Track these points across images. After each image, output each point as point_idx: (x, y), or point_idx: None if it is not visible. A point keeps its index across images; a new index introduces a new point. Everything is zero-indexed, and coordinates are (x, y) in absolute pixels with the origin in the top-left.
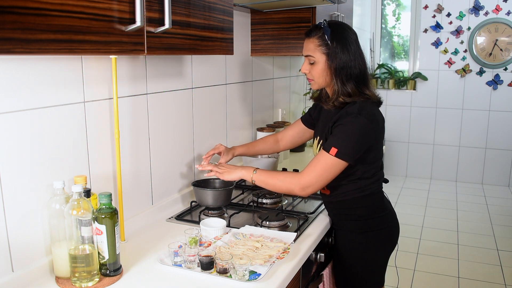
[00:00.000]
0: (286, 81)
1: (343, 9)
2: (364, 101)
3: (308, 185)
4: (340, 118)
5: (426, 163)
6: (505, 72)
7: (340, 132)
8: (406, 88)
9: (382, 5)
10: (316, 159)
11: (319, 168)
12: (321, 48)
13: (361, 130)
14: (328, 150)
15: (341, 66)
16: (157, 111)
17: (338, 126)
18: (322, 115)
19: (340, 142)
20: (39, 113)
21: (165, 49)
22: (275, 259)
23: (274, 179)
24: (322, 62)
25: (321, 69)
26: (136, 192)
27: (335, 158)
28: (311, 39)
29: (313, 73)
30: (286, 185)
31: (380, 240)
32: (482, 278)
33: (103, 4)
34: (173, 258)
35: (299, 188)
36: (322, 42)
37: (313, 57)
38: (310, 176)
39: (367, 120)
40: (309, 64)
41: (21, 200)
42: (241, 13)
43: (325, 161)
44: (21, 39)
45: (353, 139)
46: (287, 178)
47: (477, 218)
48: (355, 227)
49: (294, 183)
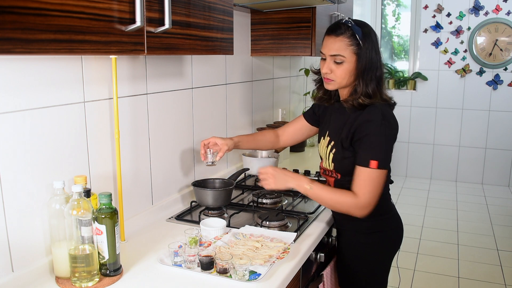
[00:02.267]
0: (286, 81)
1: (343, 9)
2: (384, 104)
3: (366, 206)
4: (363, 126)
5: (426, 163)
6: (505, 72)
7: (372, 143)
8: (406, 88)
9: (382, 5)
10: (360, 177)
11: (370, 185)
12: (352, 48)
13: (388, 137)
14: (367, 164)
15: (369, 67)
16: (157, 111)
17: (366, 136)
18: (331, 115)
19: (377, 153)
20: (39, 113)
21: (165, 49)
22: (275, 259)
23: (331, 200)
24: (352, 62)
25: (348, 69)
26: (136, 192)
27: (379, 170)
28: (340, 38)
29: (337, 72)
30: (344, 208)
31: (386, 241)
32: (482, 278)
33: (103, 4)
34: (173, 258)
35: (358, 210)
36: (353, 41)
37: (342, 57)
38: (366, 196)
39: (391, 126)
40: (333, 64)
41: (21, 200)
42: (241, 13)
43: (372, 176)
44: (21, 39)
45: (386, 147)
46: (344, 199)
47: (477, 218)
48: (362, 227)
49: (352, 206)
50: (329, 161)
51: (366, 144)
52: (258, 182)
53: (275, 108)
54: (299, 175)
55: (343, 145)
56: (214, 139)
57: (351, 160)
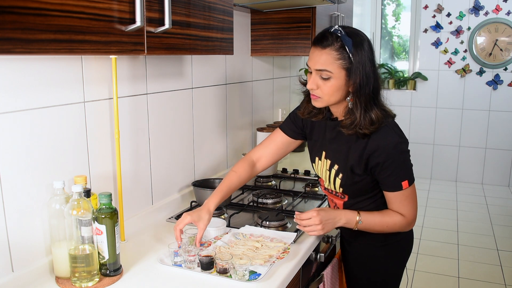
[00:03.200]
0: (286, 81)
1: (343, 9)
2: (391, 121)
3: (413, 220)
4: (380, 151)
5: (426, 163)
6: (505, 72)
7: (397, 167)
8: (406, 88)
9: (382, 5)
10: (398, 200)
11: (410, 202)
12: (340, 62)
13: (407, 153)
14: (400, 188)
15: (364, 82)
16: (157, 111)
17: (387, 162)
18: (326, 133)
19: (405, 173)
20: (39, 113)
21: (165, 49)
22: (275, 259)
23: (382, 226)
24: (341, 78)
25: (336, 86)
26: (136, 192)
27: (411, 187)
28: (326, 50)
29: (324, 89)
30: (396, 229)
31: (399, 250)
32: (482, 278)
33: (103, 4)
34: (173, 258)
35: (408, 227)
36: (341, 55)
37: (329, 72)
38: (410, 213)
39: (406, 141)
40: (320, 79)
41: (21, 200)
42: (241, 13)
43: (407, 195)
44: (21, 39)
45: (409, 163)
46: (394, 222)
47: (477, 218)
48: (377, 240)
49: (403, 226)
50: (335, 185)
51: (391, 170)
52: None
53: (275, 108)
54: (342, 210)
55: (354, 171)
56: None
57: (363, 184)
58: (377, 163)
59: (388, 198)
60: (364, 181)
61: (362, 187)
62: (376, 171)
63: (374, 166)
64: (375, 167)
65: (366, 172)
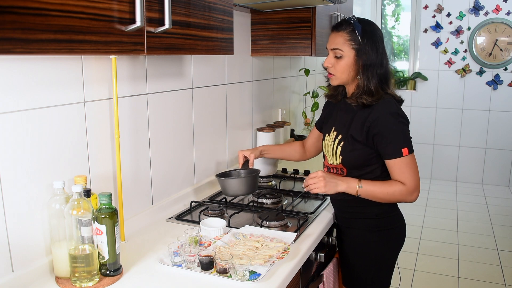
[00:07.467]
0: (286, 81)
1: (343, 9)
2: (392, 99)
3: (415, 188)
4: (380, 119)
5: (426, 163)
6: (505, 72)
7: (396, 134)
8: (406, 88)
9: (382, 5)
10: (398, 167)
11: (411, 170)
12: (350, 43)
13: (406, 123)
14: (400, 155)
15: (369, 63)
16: (157, 111)
17: (386, 129)
18: (338, 113)
19: (404, 141)
20: (39, 113)
21: (165, 49)
22: (275, 259)
23: (382, 193)
24: (350, 57)
25: (347, 64)
26: (136, 192)
27: (411, 155)
28: (340, 33)
29: (337, 67)
30: (397, 198)
31: (392, 238)
32: (482, 278)
33: (103, 4)
34: (173, 258)
35: (410, 196)
36: (352, 37)
37: (341, 51)
38: (411, 180)
39: (405, 118)
40: (334, 58)
41: (21, 200)
42: (241, 13)
43: (408, 162)
44: (21, 39)
45: (407, 132)
46: (394, 189)
47: (477, 218)
48: (371, 225)
49: (403, 194)
50: (336, 155)
51: (391, 137)
52: (304, 186)
53: (275, 108)
54: (345, 177)
55: (354, 137)
56: (242, 153)
57: (360, 153)
58: (378, 131)
59: (389, 167)
60: (362, 150)
61: (359, 157)
62: (376, 140)
63: (375, 134)
64: (376, 135)
65: (367, 142)
